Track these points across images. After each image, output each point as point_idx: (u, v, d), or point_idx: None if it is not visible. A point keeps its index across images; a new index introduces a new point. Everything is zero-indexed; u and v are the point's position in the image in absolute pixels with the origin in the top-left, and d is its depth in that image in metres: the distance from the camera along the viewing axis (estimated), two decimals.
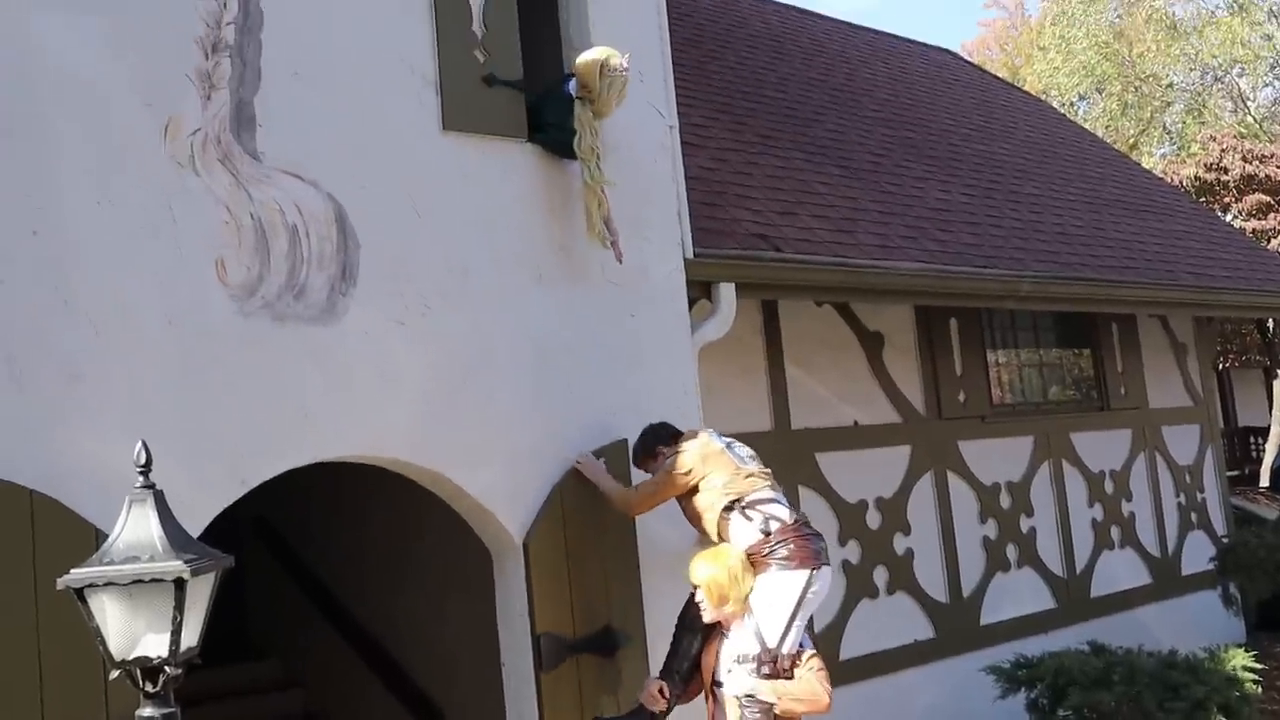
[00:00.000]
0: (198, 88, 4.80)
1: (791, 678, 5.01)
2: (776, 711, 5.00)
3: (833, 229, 8.20)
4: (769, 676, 4.97)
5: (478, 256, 5.54)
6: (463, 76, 5.61)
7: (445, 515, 5.67)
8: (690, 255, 6.51)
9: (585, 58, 5.78)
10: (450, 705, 7.13)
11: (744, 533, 5.20)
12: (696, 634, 5.25)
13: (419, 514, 6.26)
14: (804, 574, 5.09)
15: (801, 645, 5.14)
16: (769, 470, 5.48)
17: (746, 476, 5.33)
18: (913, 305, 9.12)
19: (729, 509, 5.24)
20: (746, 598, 5.10)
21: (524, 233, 5.74)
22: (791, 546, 5.11)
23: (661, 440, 5.57)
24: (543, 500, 5.54)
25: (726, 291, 6.75)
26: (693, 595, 5.26)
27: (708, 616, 5.15)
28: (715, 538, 5.31)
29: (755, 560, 5.13)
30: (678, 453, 5.38)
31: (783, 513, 5.24)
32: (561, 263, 5.85)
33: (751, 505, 5.23)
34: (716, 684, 5.19)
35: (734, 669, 5.07)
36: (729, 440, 5.52)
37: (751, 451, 5.53)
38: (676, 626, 5.35)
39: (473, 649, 6.25)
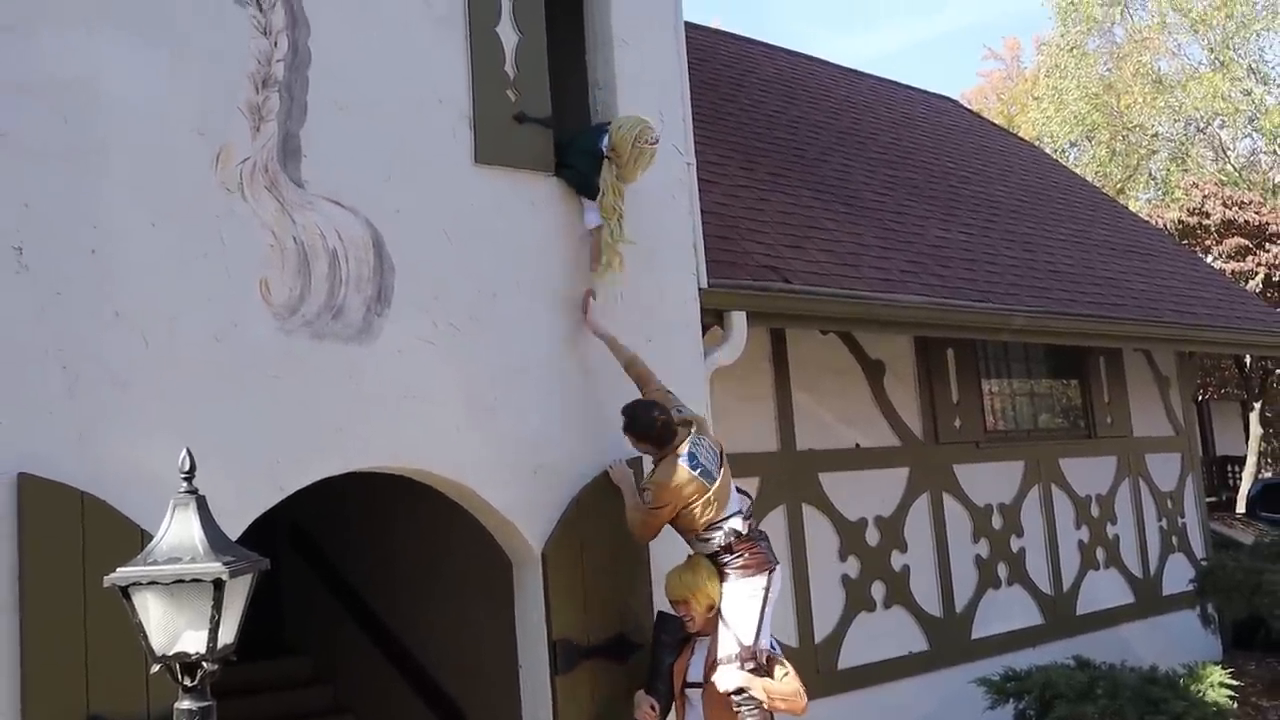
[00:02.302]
0: (248, 120, 4.81)
1: (772, 675, 5.13)
2: (765, 707, 5.06)
3: (838, 263, 8.17)
4: (754, 672, 5.06)
5: (505, 282, 5.52)
6: (495, 113, 5.61)
7: (469, 526, 5.64)
8: (704, 285, 6.48)
9: (624, 129, 5.72)
10: (471, 706, 7.09)
11: (708, 549, 5.29)
12: (675, 651, 5.29)
13: (444, 524, 6.22)
14: (763, 578, 5.24)
15: (773, 649, 5.26)
16: (730, 475, 5.44)
17: (711, 502, 5.27)
18: (912, 335, 9.07)
19: (699, 532, 5.30)
20: (716, 605, 5.21)
21: (549, 260, 5.72)
22: (746, 556, 5.25)
23: (647, 429, 5.38)
24: (561, 513, 5.50)
25: (738, 320, 6.72)
26: (661, 620, 5.37)
27: (694, 627, 5.25)
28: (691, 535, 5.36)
29: (718, 571, 5.26)
30: (657, 486, 5.27)
31: (739, 524, 5.31)
32: (582, 290, 5.82)
33: (715, 526, 5.28)
34: (687, 686, 5.23)
35: (720, 668, 5.08)
36: (696, 447, 5.37)
37: (716, 453, 5.43)
38: (654, 647, 5.35)
39: (493, 653, 6.21)
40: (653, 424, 5.36)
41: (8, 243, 4.17)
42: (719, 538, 5.25)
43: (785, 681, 5.14)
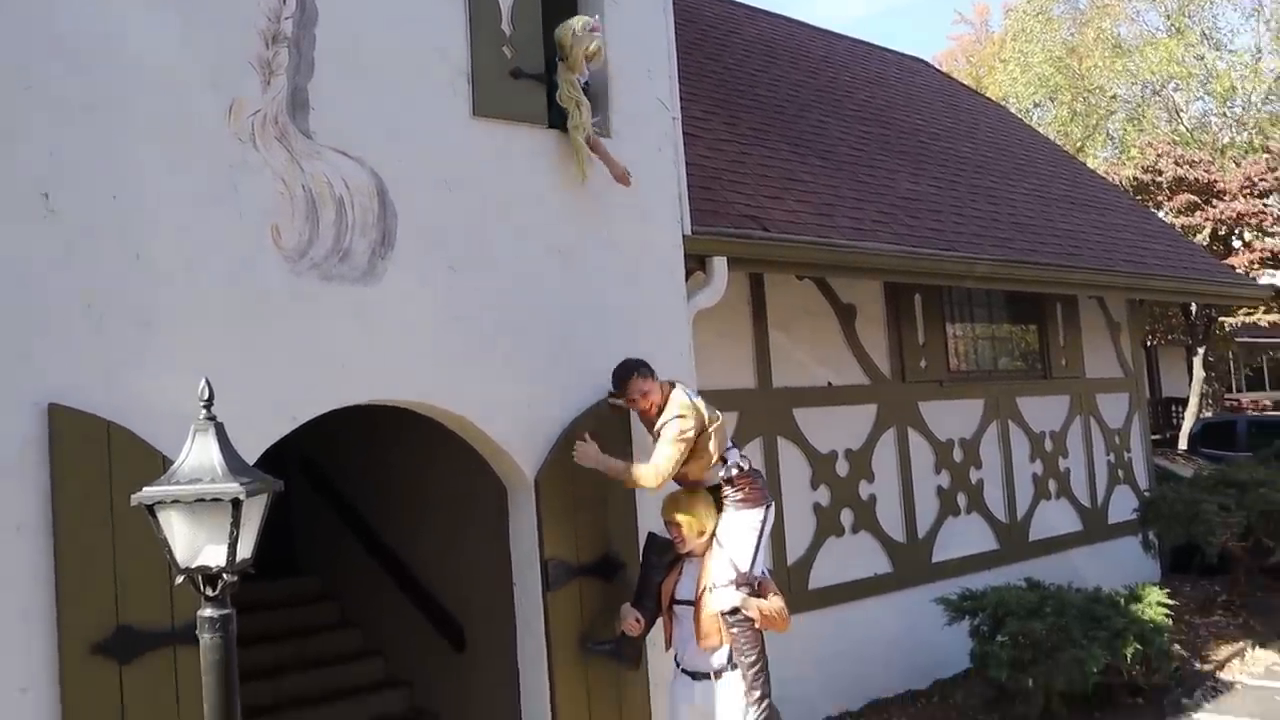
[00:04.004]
0: (259, 74, 4.77)
1: (764, 597, 5.19)
2: (756, 626, 5.12)
3: (814, 212, 8.16)
4: (750, 595, 5.12)
5: (501, 228, 5.51)
6: (492, 68, 5.58)
7: (464, 454, 5.67)
8: (688, 232, 6.47)
9: (566, 24, 5.76)
10: (468, 620, 7.16)
11: (711, 482, 5.35)
12: (661, 571, 5.36)
13: (443, 454, 6.26)
14: (760, 511, 5.34)
15: (764, 575, 5.34)
16: (718, 412, 5.49)
17: (721, 431, 5.38)
18: (882, 281, 9.07)
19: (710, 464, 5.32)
20: (713, 533, 5.26)
21: (542, 208, 5.71)
22: (747, 490, 5.33)
23: (648, 374, 5.41)
24: (552, 444, 5.54)
25: (719, 265, 6.72)
26: (651, 541, 5.39)
27: (684, 548, 5.30)
28: (694, 482, 5.35)
29: (720, 499, 5.32)
30: (678, 416, 5.22)
31: (738, 459, 5.40)
32: (575, 236, 5.82)
33: (724, 458, 5.36)
34: (675, 603, 5.30)
35: (717, 590, 5.14)
36: (687, 390, 5.45)
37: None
38: (643, 566, 5.42)
39: (488, 571, 6.27)
40: (632, 367, 5.39)
41: (37, 189, 4.15)
42: (723, 471, 5.31)
43: (773, 601, 5.22)
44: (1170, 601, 8.25)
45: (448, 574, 7.31)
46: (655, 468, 5.22)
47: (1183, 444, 19.31)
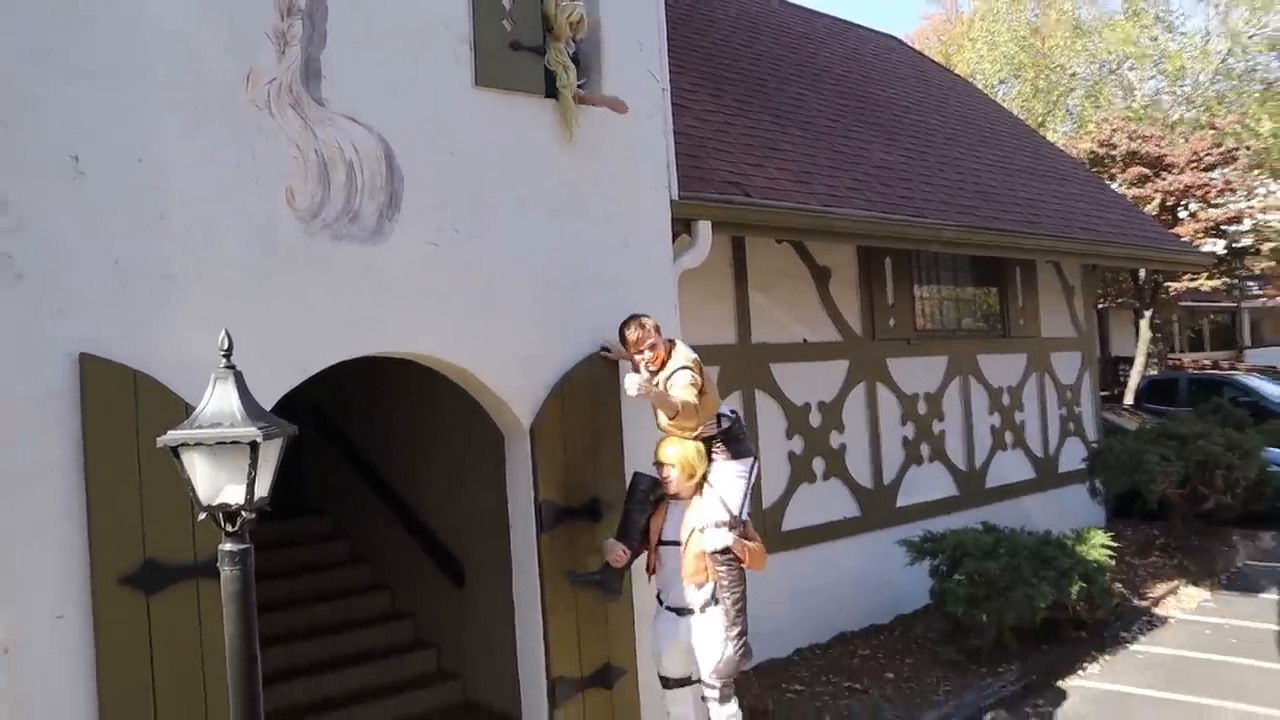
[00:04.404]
0: (274, 44, 4.71)
1: (751, 539, 5.25)
2: (742, 565, 5.19)
3: (793, 180, 8.14)
4: (738, 537, 5.17)
5: (501, 192, 5.48)
6: (493, 39, 5.52)
7: (465, 404, 5.68)
8: (675, 197, 6.44)
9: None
10: (466, 557, 7.21)
11: (708, 433, 5.32)
12: (646, 510, 5.37)
13: (445, 404, 6.27)
14: (749, 461, 5.39)
15: (747, 520, 5.35)
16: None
17: (712, 384, 5.40)
18: (855, 245, 9.07)
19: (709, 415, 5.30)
20: (703, 478, 5.27)
21: (540, 174, 5.68)
22: (737, 443, 5.37)
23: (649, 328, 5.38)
24: (546, 395, 5.55)
25: (704, 228, 6.71)
26: (637, 480, 5.39)
27: (673, 488, 5.29)
28: (689, 434, 5.32)
29: (710, 450, 5.33)
30: (686, 368, 5.21)
31: (728, 412, 5.45)
32: (570, 200, 5.79)
33: (719, 413, 5.39)
34: (662, 543, 5.31)
35: (708, 531, 5.16)
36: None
37: None
38: (627, 506, 5.42)
39: (485, 512, 6.31)
40: (639, 321, 5.38)
41: (67, 152, 4.11)
42: (718, 424, 5.32)
43: (757, 542, 5.30)
44: (1113, 544, 8.37)
45: (449, 515, 7.34)
46: (686, 404, 5.12)
47: (1129, 400, 19.43)
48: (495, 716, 6.79)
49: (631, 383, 5.10)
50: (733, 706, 5.30)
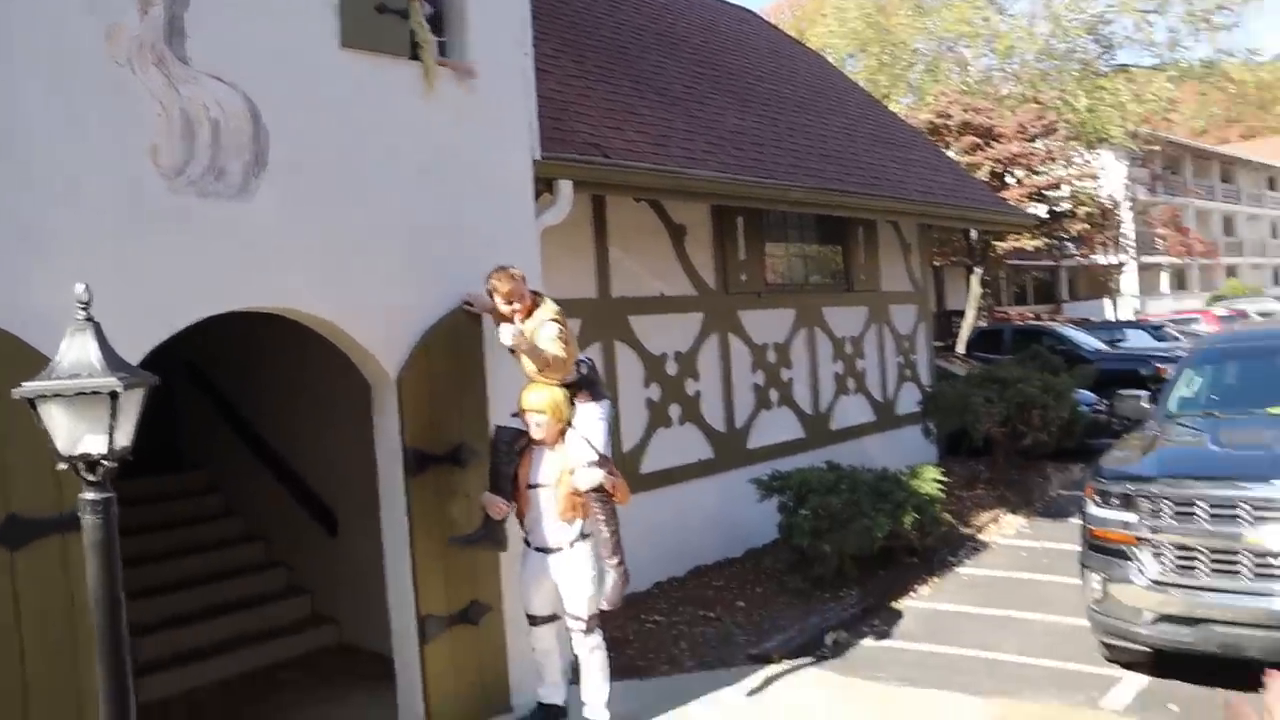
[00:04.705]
0: (136, 2, 4.48)
1: (614, 475, 5.31)
2: (614, 500, 5.26)
3: (651, 142, 8.14)
4: (608, 474, 5.22)
5: (368, 151, 5.33)
6: (359, 2, 5.36)
7: (334, 358, 5.55)
8: (538, 157, 6.37)
9: None
10: (339, 507, 7.10)
11: (568, 380, 5.30)
12: (513, 460, 5.31)
13: (314, 357, 6.11)
14: (606, 403, 5.43)
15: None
16: None
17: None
18: (710, 204, 9.15)
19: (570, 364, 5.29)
20: (568, 423, 5.26)
21: (406, 133, 5.53)
22: (595, 388, 5.41)
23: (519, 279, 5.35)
24: (413, 346, 5.46)
25: (565, 187, 6.66)
26: (499, 435, 5.36)
27: (542, 434, 5.24)
28: (554, 382, 5.28)
29: (572, 396, 5.32)
30: (554, 320, 5.23)
31: (583, 358, 5.47)
32: (436, 158, 5.66)
33: (578, 361, 5.40)
34: (530, 487, 5.28)
35: (579, 470, 5.16)
36: None
37: None
38: (494, 460, 5.35)
39: (356, 463, 6.19)
40: (513, 274, 5.31)
41: None
42: (577, 371, 5.31)
43: (621, 479, 5.35)
44: (943, 479, 8.71)
45: (320, 466, 7.20)
46: (557, 357, 5.15)
47: (960, 349, 20.17)
48: (370, 656, 6.73)
49: (506, 333, 5.08)
50: (596, 638, 5.36)
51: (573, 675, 5.65)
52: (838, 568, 7.90)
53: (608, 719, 5.39)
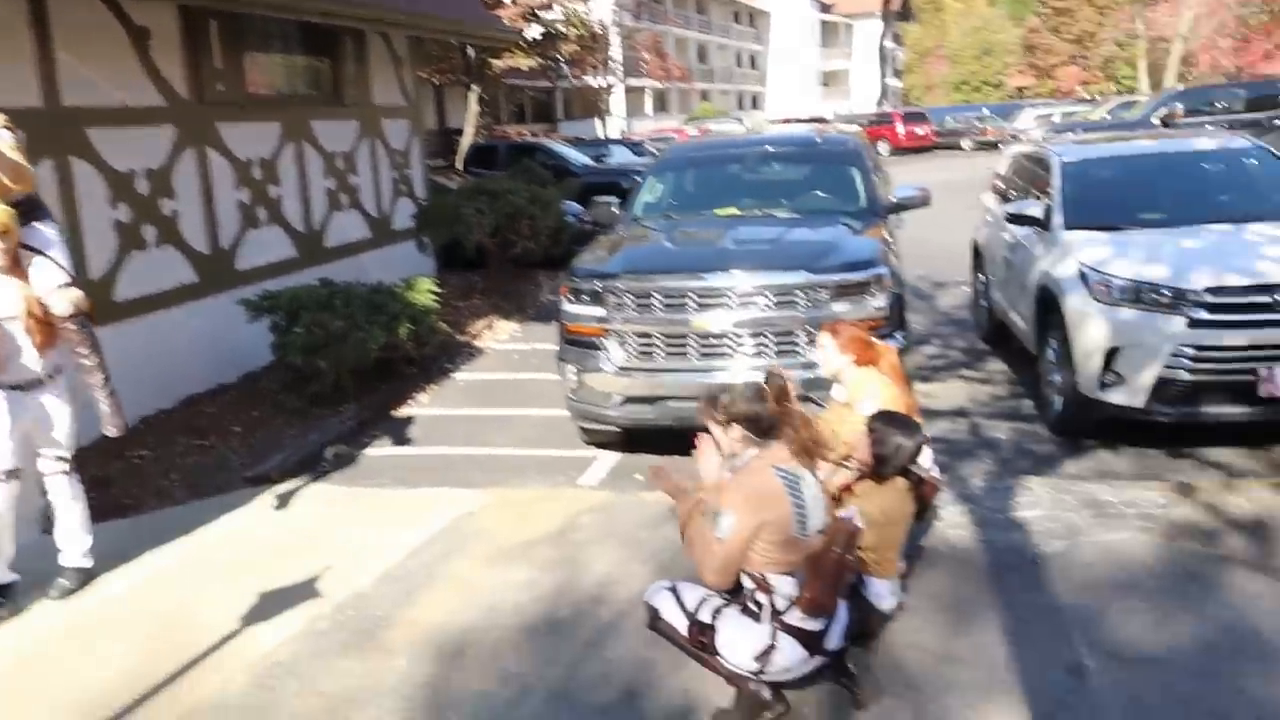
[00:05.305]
0: None
1: None
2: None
3: None
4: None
5: None
6: None
7: None
8: None
9: None
10: None
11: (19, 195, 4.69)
12: None
13: None
14: (53, 222, 4.94)
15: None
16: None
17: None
18: (176, 4, 8.20)
19: None
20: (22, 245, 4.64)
21: None
22: (42, 205, 4.93)
23: None
24: None
25: None
26: None
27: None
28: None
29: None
30: (8, 129, 4.66)
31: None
32: None
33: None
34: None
35: (54, 295, 4.63)
36: None
37: None
38: None
39: None
40: None
41: None
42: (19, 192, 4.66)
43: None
44: (438, 289, 8.91)
45: None
46: (18, 166, 4.56)
47: (459, 164, 20.45)
48: None
49: None
50: (78, 482, 5.00)
51: (45, 525, 5.18)
52: (335, 383, 7.87)
53: (91, 565, 5.04)
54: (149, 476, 6.59)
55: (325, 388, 7.82)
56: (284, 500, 6.09)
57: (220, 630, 4.43)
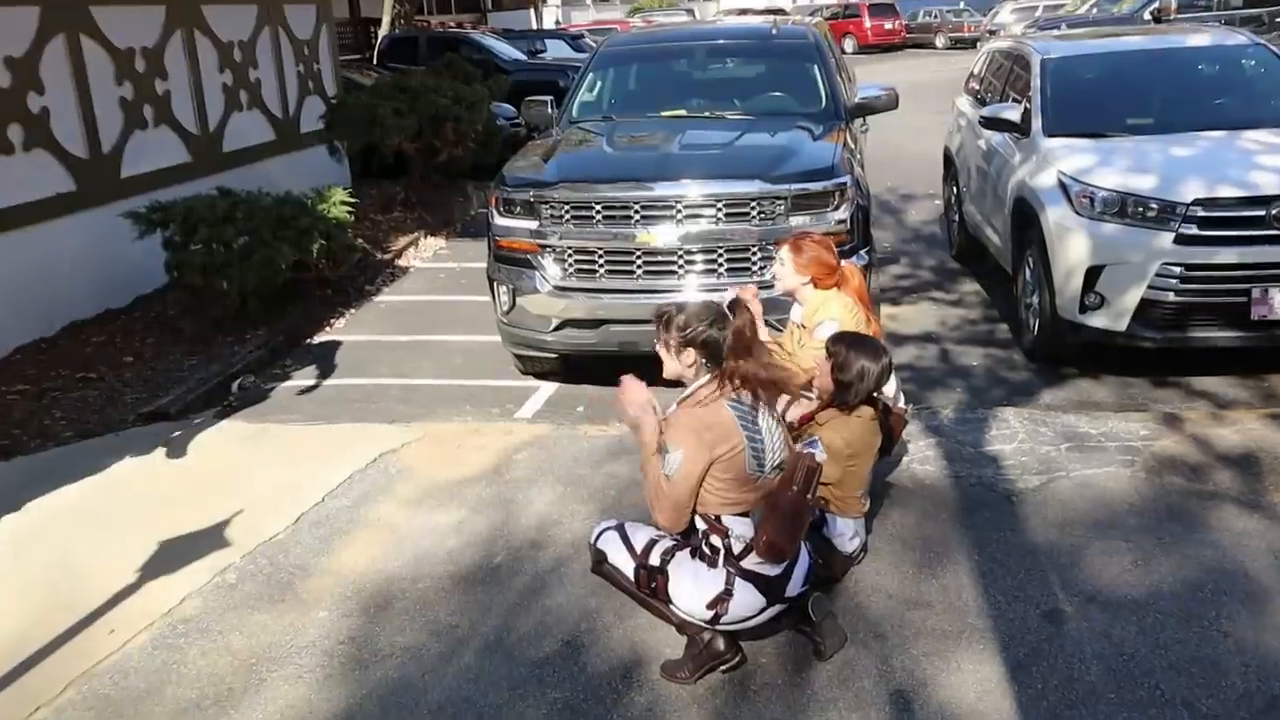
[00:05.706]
0: None
1: None
2: None
3: None
4: None
5: None
6: None
7: None
8: None
9: None
10: None
11: None
12: None
13: None
14: None
15: None
16: None
17: None
18: None
19: None
20: None
21: None
22: None
23: None
24: None
25: None
26: None
27: None
28: None
29: None
30: None
31: None
32: None
33: None
34: None
35: None
36: None
37: None
38: None
39: None
40: None
41: None
42: None
43: None
44: (353, 201, 8.72)
45: None
46: None
47: (374, 61, 19.94)
48: None
49: None
50: None
51: None
52: (240, 307, 7.72)
53: None
54: (29, 414, 6.44)
55: (228, 312, 7.67)
56: (185, 439, 5.99)
57: (116, 585, 4.38)
